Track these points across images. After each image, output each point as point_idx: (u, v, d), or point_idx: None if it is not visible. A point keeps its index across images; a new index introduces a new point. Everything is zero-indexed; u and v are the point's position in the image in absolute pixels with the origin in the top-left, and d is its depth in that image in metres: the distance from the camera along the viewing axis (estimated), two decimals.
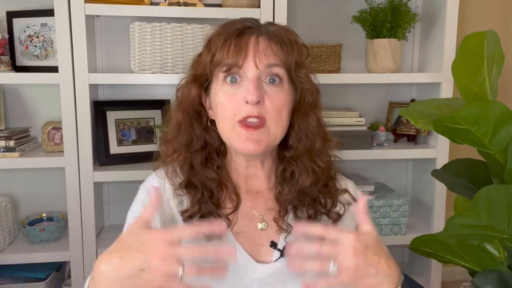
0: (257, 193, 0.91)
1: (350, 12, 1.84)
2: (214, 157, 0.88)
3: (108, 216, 1.89)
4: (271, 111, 0.80)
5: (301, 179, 0.87)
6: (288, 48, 0.82)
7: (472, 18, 1.97)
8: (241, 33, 0.81)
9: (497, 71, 1.16)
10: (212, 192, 0.86)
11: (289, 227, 0.87)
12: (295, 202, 0.87)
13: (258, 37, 0.81)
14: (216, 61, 0.81)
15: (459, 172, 1.30)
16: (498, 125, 1.03)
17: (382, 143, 1.80)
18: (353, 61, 1.91)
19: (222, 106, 0.82)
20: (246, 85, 0.80)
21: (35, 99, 1.80)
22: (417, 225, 1.88)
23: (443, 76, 1.72)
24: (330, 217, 0.89)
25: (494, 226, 1.03)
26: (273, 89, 0.81)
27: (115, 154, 1.70)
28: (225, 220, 0.85)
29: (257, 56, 0.79)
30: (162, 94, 1.84)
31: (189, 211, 0.85)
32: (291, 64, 0.82)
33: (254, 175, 0.90)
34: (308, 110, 0.87)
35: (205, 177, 0.86)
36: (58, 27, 1.52)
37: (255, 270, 0.84)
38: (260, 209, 0.89)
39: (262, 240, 0.87)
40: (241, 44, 0.80)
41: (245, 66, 0.80)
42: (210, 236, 0.82)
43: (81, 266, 1.63)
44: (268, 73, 0.81)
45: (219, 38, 0.82)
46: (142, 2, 1.62)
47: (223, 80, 0.82)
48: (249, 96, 0.78)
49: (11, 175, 1.81)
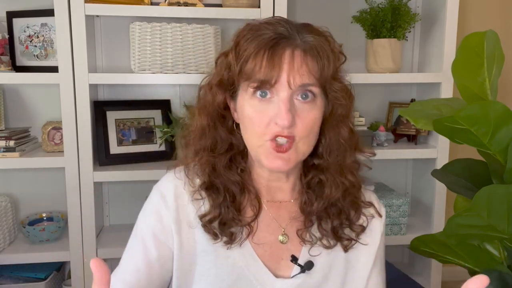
0: (279, 203, 0.86)
1: (350, 12, 1.84)
2: (238, 160, 0.83)
3: (108, 216, 1.89)
4: (302, 130, 0.75)
5: (330, 191, 0.82)
6: (325, 63, 0.76)
7: (472, 18, 1.97)
8: (275, 44, 0.74)
9: (497, 71, 1.16)
10: (235, 196, 0.82)
11: (313, 239, 0.82)
12: (321, 213, 0.83)
13: (293, 51, 0.74)
14: (245, 73, 0.75)
15: (459, 172, 1.30)
16: (498, 125, 1.03)
17: (382, 143, 1.80)
18: (353, 61, 1.90)
19: (250, 120, 0.76)
20: (277, 104, 0.74)
21: (35, 99, 1.80)
22: (417, 225, 1.88)
23: (443, 76, 1.72)
24: (353, 229, 0.84)
25: (494, 226, 1.03)
26: (305, 107, 0.75)
27: (115, 154, 1.70)
28: (247, 227, 0.81)
29: (291, 76, 0.73)
30: (162, 94, 1.84)
31: (209, 216, 0.80)
32: (326, 80, 0.77)
33: (277, 188, 0.85)
34: (339, 122, 0.82)
35: (228, 180, 0.81)
36: (58, 27, 1.52)
37: (274, 285, 0.80)
38: (282, 220, 0.84)
39: (282, 253, 0.83)
40: (275, 58, 0.73)
41: (278, 85, 0.73)
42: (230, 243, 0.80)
43: (81, 266, 1.63)
44: (301, 91, 0.75)
45: (250, 45, 0.75)
46: (142, 2, 1.62)
47: (252, 94, 0.75)
48: (281, 121, 0.72)
49: (11, 175, 1.81)
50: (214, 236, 0.79)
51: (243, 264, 0.80)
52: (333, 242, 0.82)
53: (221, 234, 0.79)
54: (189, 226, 0.81)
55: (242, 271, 0.80)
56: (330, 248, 0.82)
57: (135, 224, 0.85)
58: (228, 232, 0.79)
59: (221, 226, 0.79)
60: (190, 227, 0.81)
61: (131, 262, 0.81)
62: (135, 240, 0.83)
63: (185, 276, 0.81)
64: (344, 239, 0.83)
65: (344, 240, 0.83)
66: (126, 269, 0.81)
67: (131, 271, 0.80)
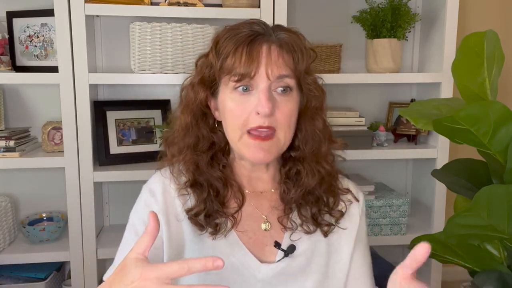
0: (260, 193, 0.91)
1: (350, 12, 1.84)
2: (220, 157, 0.88)
3: (108, 216, 1.89)
4: (282, 121, 0.80)
5: (307, 179, 0.87)
6: (299, 57, 0.82)
7: (472, 18, 1.97)
8: (253, 40, 0.80)
9: (497, 71, 1.16)
10: (218, 191, 0.86)
11: (293, 225, 0.87)
12: (300, 200, 0.88)
13: (270, 46, 0.80)
14: (226, 68, 0.80)
15: (459, 172, 1.30)
16: (498, 125, 1.03)
17: (382, 143, 1.80)
18: (353, 61, 1.91)
19: (231, 114, 0.81)
20: (257, 96, 0.79)
21: (35, 99, 1.80)
22: (417, 225, 1.88)
23: (443, 76, 1.72)
24: (332, 215, 0.89)
25: (494, 226, 1.03)
26: (283, 99, 0.81)
27: (115, 154, 1.70)
28: (231, 218, 0.85)
29: (269, 67, 0.79)
30: (162, 94, 1.84)
31: (194, 210, 0.85)
32: (300, 72, 0.83)
33: (258, 178, 0.91)
34: (314, 114, 0.87)
35: (211, 176, 0.86)
36: (58, 27, 1.52)
37: (259, 270, 0.84)
38: (264, 209, 0.90)
39: (266, 240, 0.87)
40: (253, 53, 0.79)
41: (257, 77, 0.79)
42: (215, 233, 0.84)
43: (81, 266, 1.63)
44: (279, 83, 0.80)
45: (229, 43, 0.81)
46: (142, 2, 1.62)
47: (233, 88, 0.81)
48: (262, 108, 0.77)
49: (11, 175, 1.81)
50: (200, 228, 0.84)
51: (229, 251, 0.84)
52: (312, 227, 0.88)
53: (206, 225, 0.84)
54: (176, 219, 0.86)
55: (228, 258, 0.84)
56: (310, 233, 0.87)
57: (128, 222, 0.89)
58: (213, 224, 0.84)
59: (206, 218, 0.84)
60: (177, 220, 0.86)
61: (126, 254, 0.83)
62: (128, 234, 0.88)
63: None
64: (323, 225, 0.88)
65: (323, 225, 0.88)
66: None
67: None
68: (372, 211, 1.76)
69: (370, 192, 1.78)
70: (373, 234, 1.79)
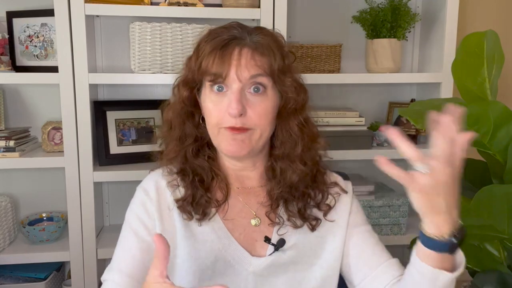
0: (249, 189, 0.94)
1: (350, 12, 1.84)
2: (205, 149, 0.93)
3: (108, 216, 1.89)
4: (254, 120, 0.84)
5: (288, 176, 0.90)
6: (271, 56, 0.84)
7: (472, 18, 1.97)
8: (226, 45, 0.84)
9: (497, 71, 1.16)
10: (203, 179, 0.90)
11: (280, 220, 0.90)
12: (286, 196, 0.91)
13: (241, 49, 0.83)
14: (202, 69, 0.85)
15: None
16: (498, 125, 1.03)
17: (382, 143, 1.80)
18: (353, 61, 1.91)
19: (209, 112, 0.86)
20: (229, 97, 0.83)
21: (35, 99, 1.80)
22: (417, 225, 1.88)
23: (443, 76, 1.72)
24: (320, 209, 0.92)
25: (494, 226, 1.03)
26: (256, 99, 0.84)
27: (115, 154, 1.70)
28: (215, 202, 0.89)
29: (239, 70, 0.82)
30: (162, 94, 1.84)
31: (182, 197, 0.89)
32: (275, 71, 0.85)
33: (245, 176, 0.94)
34: (290, 115, 0.89)
35: (197, 166, 0.91)
36: (58, 27, 1.52)
37: (251, 263, 0.88)
38: (252, 205, 0.93)
39: (256, 235, 0.91)
40: (225, 56, 0.83)
41: (228, 79, 0.83)
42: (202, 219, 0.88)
43: (81, 266, 1.63)
44: (252, 83, 0.84)
45: (206, 46, 0.85)
46: (142, 2, 1.62)
47: (210, 88, 0.85)
48: (232, 110, 0.81)
49: (11, 175, 1.81)
50: (188, 215, 0.88)
51: (220, 246, 0.88)
52: (300, 222, 0.90)
53: (194, 212, 0.88)
54: (168, 209, 0.90)
55: (220, 252, 0.88)
56: (298, 228, 0.90)
57: (124, 221, 0.92)
58: (200, 211, 0.88)
59: (193, 205, 0.88)
60: (169, 210, 0.90)
61: (124, 252, 0.88)
62: (125, 232, 0.90)
63: None
64: (310, 219, 0.91)
65: (311, 220, 0.91)
66: (120, 259, 0.88)
67: (126, 259, 0.87)
68: (372, 211, 1.76)
69: (370, 192, 1.78)
70: None
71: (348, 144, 1.73)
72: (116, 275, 0.85)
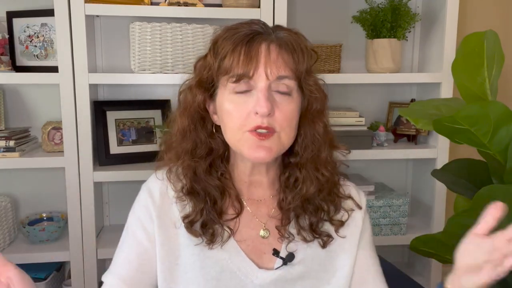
0: (259, 200, 0.89)
1: (350, 12, 1.84)
2: (218, 164, 0.86)
3: (108, 216, 1.89)
4: (281, 121, 0.78)
5: (305, 187, 0.85)
6: (299, 57, 0.80)
7: (472, 18, 1.97)
8: (251, 40, 0.78)
9: (497, 71, 1.16)
10: (216, 201, 0.85)
11: (290, 236, 0.86)
12: (298, 210, 0.86)
13: (269, 45, 0.78)
14: (224, 68, 0.78)
15: (459, 172, 1.30)
16: (498, 125, 1.03)
17: (382, 143, 1.80)
18: (353, 61, 1.91)
19: (229, 115, 0.79)
20: (256, 96, 0.77)
21: (35, 99, 1.80)
22: (417, 225, 1.88)
23: (443, 76, 1.72)
24: (332, 224, 0.88)
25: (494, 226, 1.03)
26: (283, 99, 0.79)
27: (115, 154, 1.70)
28: (227, 229, 0.84)
29: (268, 67, 0.77)
30: (162, 94, 1.84)
31: (190, 217, 0.84)
32: (301, 73, 0.80)
33: (258, 183, 0.88)
34: (315, 117, 0.85)
35: (209, 185, 0.84)
36: (58, 27, 1.52)
37: (257, 275, 0.83)
38: (262, 217, 0.88)
39: (264, 247, 0.86)
40: (252, 52, 0.77)
41: (256, 77, 0.77)
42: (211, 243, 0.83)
43: (81, 266, 1.63)
44: (278, 84, 0.79)
45: (227, 43, 0.79)
46: (142, 2, 1.62)
47: (232, 90, 0.79)
48: (260, 108, 0.75)
49: (11, 175, 1.81)
50: (197, 236, 0.83)
51: (227, 256, 0.84)
52: (310, 237, 0.86)
53: (203, 234, 0.83)
54: (174, 226, 0.85)
55: (226, 263, 0.83)
56: (308, 242, 0.86)
57: (126, 222, 0.89)
58: (209, 233, 0.83)
59: (202, 228, 0.83)
60: (175, 228, 0.85)
61: (123, 256, 0.86)
62: (126, 235, 0.88)
63: (169, 269, 0.84)
64: (322, 235, 0.86)
65: (322, 236, 0.86)
66: (119, 264, 0.85)
67: (124, 264, 0.84)
68: (372, 211, 1.76)
69: (370, 192, 1.78)
70: (373, 234, 1.78)
71: (348, 144, 1.72)
72: (113, 280, 0.84)
